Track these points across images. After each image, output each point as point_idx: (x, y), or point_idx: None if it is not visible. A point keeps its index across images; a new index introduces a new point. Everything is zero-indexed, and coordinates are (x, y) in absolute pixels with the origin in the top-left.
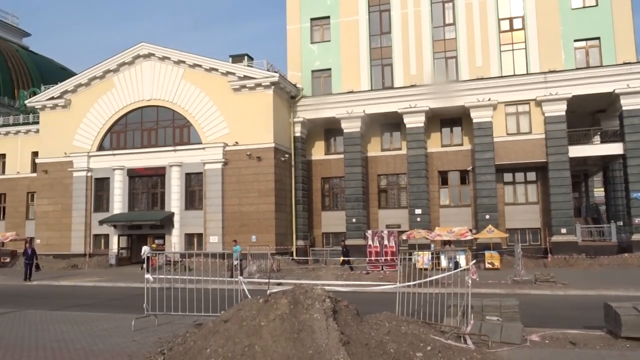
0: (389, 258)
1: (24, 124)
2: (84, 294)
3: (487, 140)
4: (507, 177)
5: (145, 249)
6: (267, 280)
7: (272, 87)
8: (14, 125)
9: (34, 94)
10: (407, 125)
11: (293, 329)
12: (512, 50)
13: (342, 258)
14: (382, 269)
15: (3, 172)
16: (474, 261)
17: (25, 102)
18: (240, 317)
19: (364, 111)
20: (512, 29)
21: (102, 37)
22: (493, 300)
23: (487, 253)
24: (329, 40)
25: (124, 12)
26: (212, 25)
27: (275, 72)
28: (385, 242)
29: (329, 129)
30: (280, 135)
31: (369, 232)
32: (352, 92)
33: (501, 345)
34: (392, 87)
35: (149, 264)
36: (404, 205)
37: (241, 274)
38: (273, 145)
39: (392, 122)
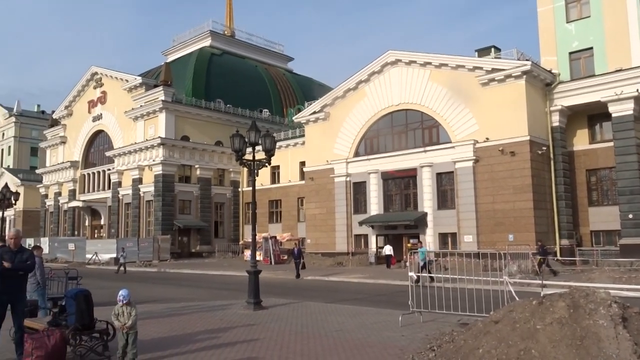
0: None
1: (292, 137)
2: (351, 289)
3: None
4: None
5: (386, 249)
6: (537, 282)
7: (524, 76)
8: (284, 139)
9: (299, 110)
10: None
11: (574, 335)
12: None
13: (538, 258)
14: None
15: (278, 181)
16: None
17: (293, 118)
18: (512, 319)
19: (637, 90)
20: None
21: (348, 51)
22: None
23: None
24: (589, 17)
25: (367, 25)
26: (453, 22)
27: (526, 60)
28: None
29: (593, 115)
30: (535, 127)
31: None
32: (620, 70)
33: None
34: None
35: (411, 263)
36: None
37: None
38: (528, 138)
39: None
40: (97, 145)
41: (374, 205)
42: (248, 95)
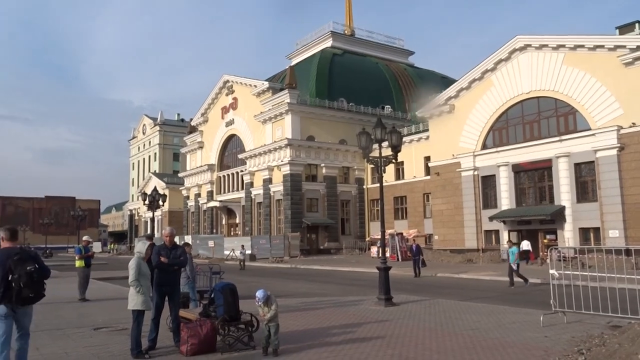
0: None
1: (416, 132)
2: (482, 287)
3: None
4: None
5: (524, 244)
6: None
7: None
8: (408, 135)
9: (422, 105)
10: None
11: None
12: None
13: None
14: None
15: (402, 177)
16: None
17: (416, 113)
18: None
19: None
20: None
21: (471, 40)
22: None
23: None
24: None
25: (490, 12)
26: (584, 1)
27: None
28: None
29: None
30: None
31: None
32: None
33: None
34: None
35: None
36: None
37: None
38: None
39: None
40: (231, 149)
41: (505, 199)
42: (370, 92)
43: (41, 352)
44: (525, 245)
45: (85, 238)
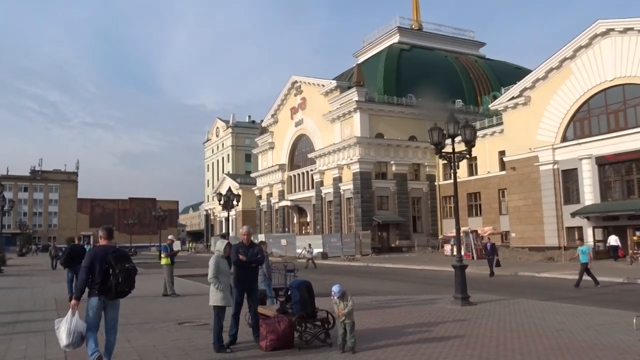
0: None
1: (489, 126)
2: (566, 287)
3: None
4: None
5: (611, 239)
6: None
7: None
8: (481, 129)
9: (494, 97)
10: None
11: None
12: None
13: None
14: None
15: (476, 173)
16: None
17: (489, 106)
18: None
19: None
20: None
21: (547, 28)
22: None
23: None
24: None
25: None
26: None
27: None
28: None
29: None
30: None
31: None
32: None
33: None
34: None
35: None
36: None
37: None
38: None
39: None
40: (300, 148)
41: (588, 194)
42: (439, 87)
43: (132, 344)
44: (613, 240)
45: (170, 237)
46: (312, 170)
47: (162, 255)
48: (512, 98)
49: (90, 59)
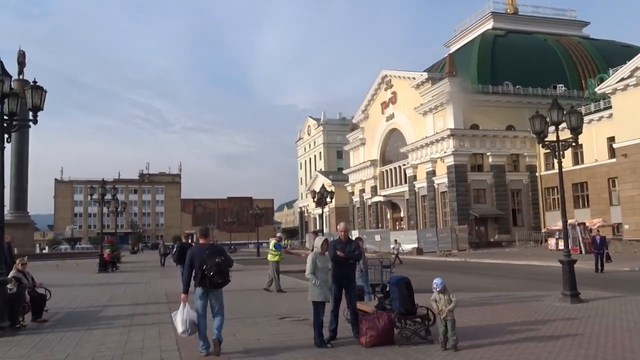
0: None
1: (595, 111)
2: None
3: None
4: None
5: None
6: None
7: None
8: (586, 114)
9: (601, 80)
10: None
11: None
12: None
13: None
14: None
15: (582, 162)
16: None
17: (595, 89)
18: None
19: None
20: None
21: None
22: None
23: None
24: None
25: None
26: None
27: None
28: None
29: None
30: None
31: None
32: None
33: None
34: None
35: None
36: None
37: None
38: None
39: None
40: (392, 143)
41: None
42: (538, 72)
43: (237, 337)
44: None
45: (278, 234)
46: (404, 164)
47: (275, 252)
48: (622, 79)
49: (188, 67)
